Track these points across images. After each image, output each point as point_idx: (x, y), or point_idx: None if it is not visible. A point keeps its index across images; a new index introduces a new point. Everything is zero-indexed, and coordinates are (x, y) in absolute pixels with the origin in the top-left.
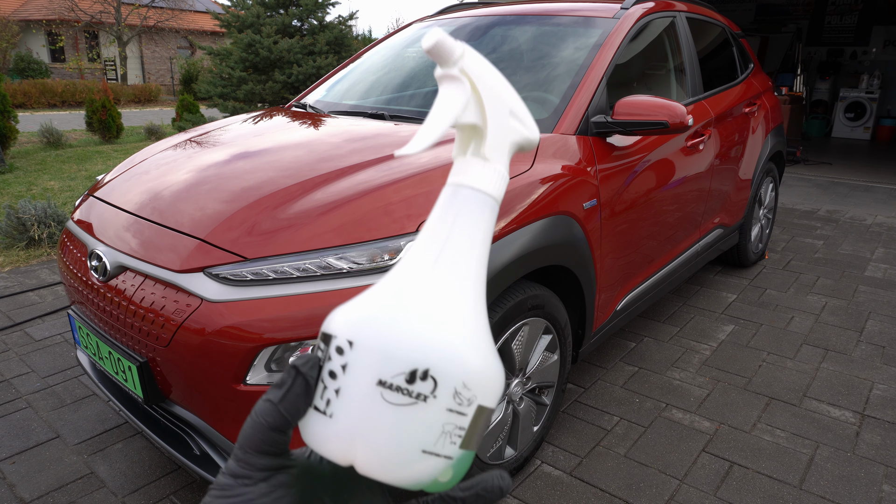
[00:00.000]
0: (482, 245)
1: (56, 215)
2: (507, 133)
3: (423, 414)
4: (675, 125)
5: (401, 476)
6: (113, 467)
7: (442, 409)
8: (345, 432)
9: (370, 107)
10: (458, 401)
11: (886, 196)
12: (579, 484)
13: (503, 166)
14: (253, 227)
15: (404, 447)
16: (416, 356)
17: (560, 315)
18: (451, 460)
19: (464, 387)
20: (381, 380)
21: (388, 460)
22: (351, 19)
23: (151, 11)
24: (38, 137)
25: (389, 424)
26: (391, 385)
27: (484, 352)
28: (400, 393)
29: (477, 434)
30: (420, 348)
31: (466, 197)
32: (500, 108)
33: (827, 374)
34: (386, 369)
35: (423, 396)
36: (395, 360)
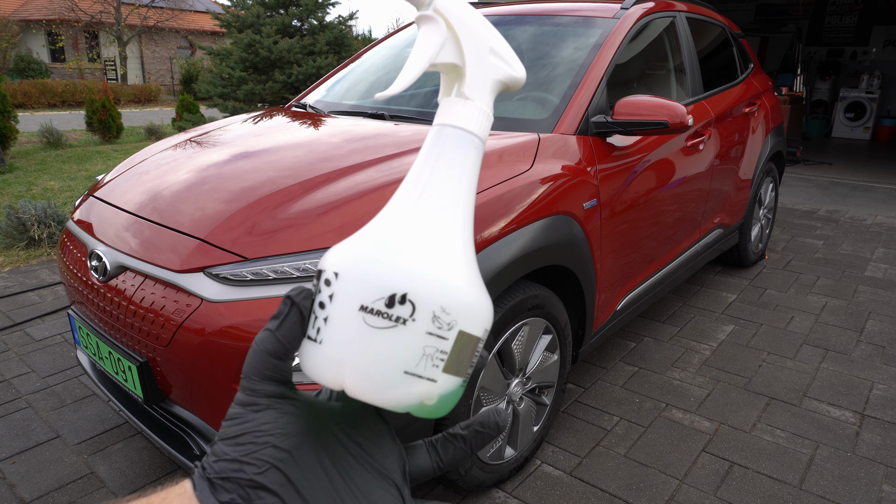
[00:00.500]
0: (467, 182)
1: (56, 215)
2: (488, 71)
3: (403, 336)
4: (675, 125)
5: (387, 397)
6: (113, 467)
7: (421, 332)
8: (333, 356)
9: (370, 107)
10: (437, 324)
11: (886, 196)
12: (579, 484)
13: (485, 104)
14: (253, 227)
15: (387, 368)
16: (395, 281)
17: (560, 315)
18: (436, 383)
19: (442, 311)
20: (363, 305)
21: (374, 381)
22: (351, 19)
23: (151, 11)
24: (38, 137)
25: (372, 347)
26: (372, 310)
27: (466, 280)
28: (380, 317)
29: (464, 361)
30: (398, 274)
31: (448, 135)
32: (478, 46)
33: (827, 374)
34: (367, 295)
35: (403, 320)
36: (375, 286)
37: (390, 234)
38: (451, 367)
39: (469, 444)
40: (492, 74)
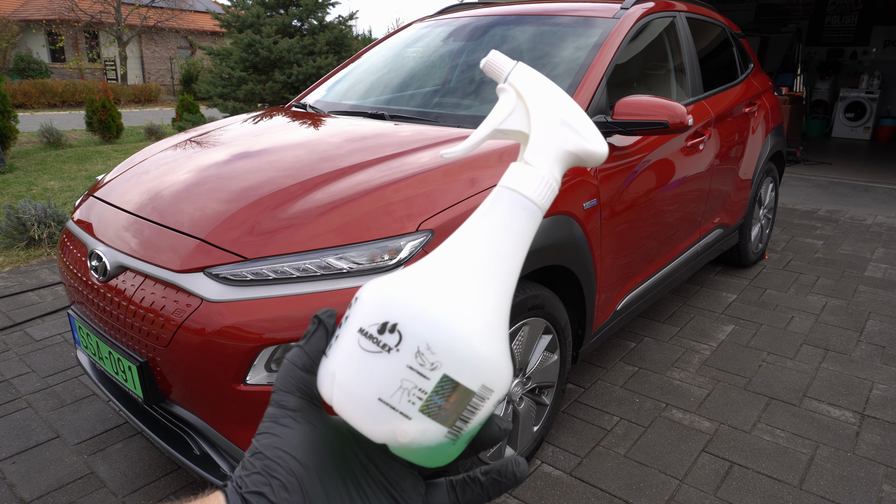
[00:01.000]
0: (511, 242)
1: (56, 215)
2: (555, 140)
3: (384, 363)
4: (675, 125)
5: (361, 421)
6: (113, 467)
7: (402, 364)
8: (330, 369)
9: (370, 107)
10: (419, 360)
11: (886, 196)
12: (579, 484)
13: (547, 171)
14: (253, 227)
15: (364, 390)
16: (391, 311)
17: (560, 315)
18: (410, 421)
19: (427, 348)
20: (361, 327)
21: (351, 401)
22: (351, 19)
23: (151, 11)
24: (38, 137)
25: (357, 367)
26: (366, 332)
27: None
28: (371, 340)
29: (451, 410)
30: (396, 304)
31: (501, 195)
32: (547, 116)
33: (827, 374)
34: (366, 318)
35: (388, 347)
36: (374, 312)
37: (415, 274)
38: (431, 410)
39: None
40: (559, 144)
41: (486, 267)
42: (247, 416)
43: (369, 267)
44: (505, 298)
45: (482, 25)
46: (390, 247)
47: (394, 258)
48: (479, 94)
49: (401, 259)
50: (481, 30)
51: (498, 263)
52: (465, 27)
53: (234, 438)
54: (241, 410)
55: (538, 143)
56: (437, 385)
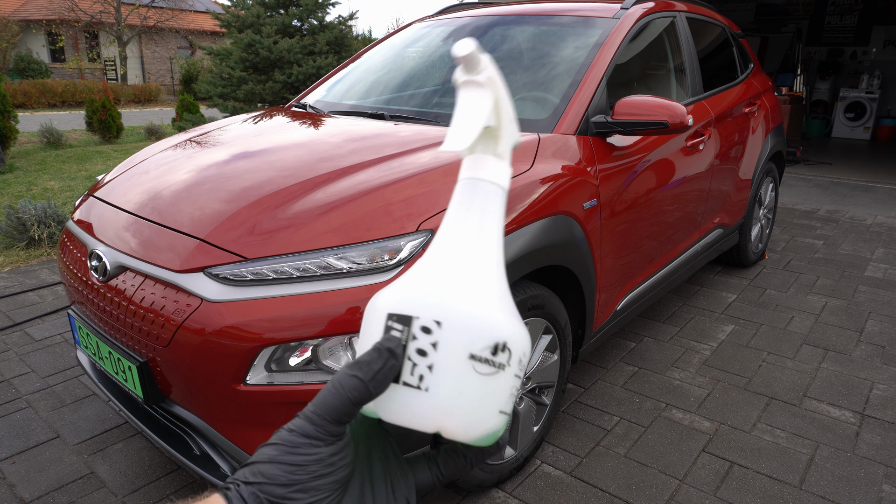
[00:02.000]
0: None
1: (56, 215)
2: (513, 134)
3: (502, 380)
4: (675, 125)
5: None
6: (113, 467)
7: (512, 375)
8: (443, 403)
9: (370, 107)
10: (520, 367)
11: (886, 196)
12: (579, 484)
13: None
14: (253, 227)
15: (489, 409)
16: (498, 333)
17: (560, 315)
18: (508, 416)
19: (524, 355)
20: (473, 354)
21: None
22: (351, 19)
23: (151, 11)
24: (38, 137)
25: (480, 391)
26: (480, 357)
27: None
28: (487, 364)
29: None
30: (499, 326)
31: (489, 190)
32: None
33: (827, 374)
34: (477, 345)
35: (503, 365)
36: (483, 337)
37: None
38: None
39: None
40: (514, 137)
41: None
42: (247, 416)
43: (369, 267)
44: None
45: (482, 25)
46: (390, 247)
47: (394, 258)
48: None
49: (401, 259)
50: (481, 30)
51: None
52: (465, 27)
53: (234, 438)
54: (241, 410)
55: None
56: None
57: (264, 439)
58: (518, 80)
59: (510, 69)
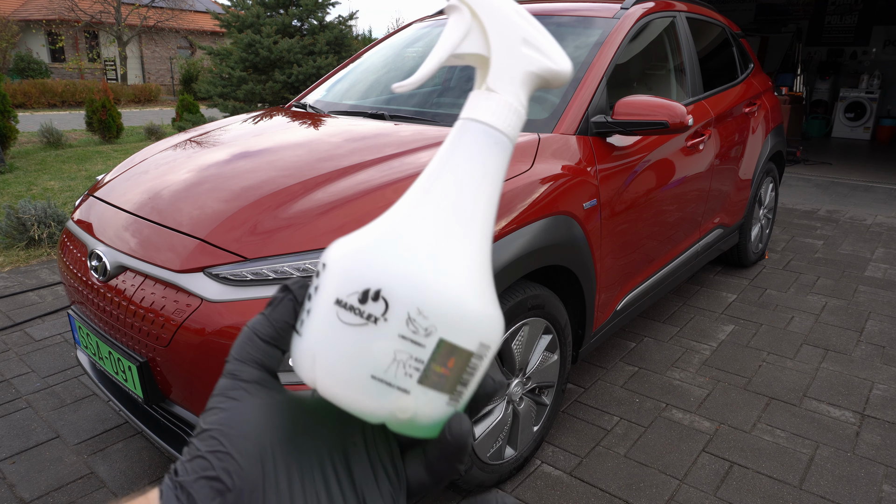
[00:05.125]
0: (484, 181)
1: (56, 215)
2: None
3: (372, 336)
4: (675, 125)
5: (354, 401)
6: (113, 467)
7: (393, 334)
8: (307, 349)
9: (370, 107)
10: (411, 328)
11: (886, 196)
12: (579, 484)
13: (513, 97)
14: (253, 227)
15: (354, 369)
16: (370, 276)
17: (560, 315)
18: (409, 395)
19: (418, 313)
20: (338, 299)
21: (341, 382)
22: (351, 19)
23: (151, 11)
24: (38, 137)
25: (340, 344)
26: (345, 304)
27: (464, 285)
28: (352, 313)
29: (450, 377)
30: (376, 268)
31: (466, 129)
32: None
33: (827, 374)
34: (343, 288)
35: (374, 318)
36: (351, 279)
37: (387, 229)
38: (430, 379)
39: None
40: (523, 66)
41: (463, 213)
42: None
43: None
44: (486, 244)
45: None
46: None
47: None
48: None
49: None
50: None
51: (475, 207)
52: None
53: None
54: None
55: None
56: (434, 352)
57: None
58: None
59: None
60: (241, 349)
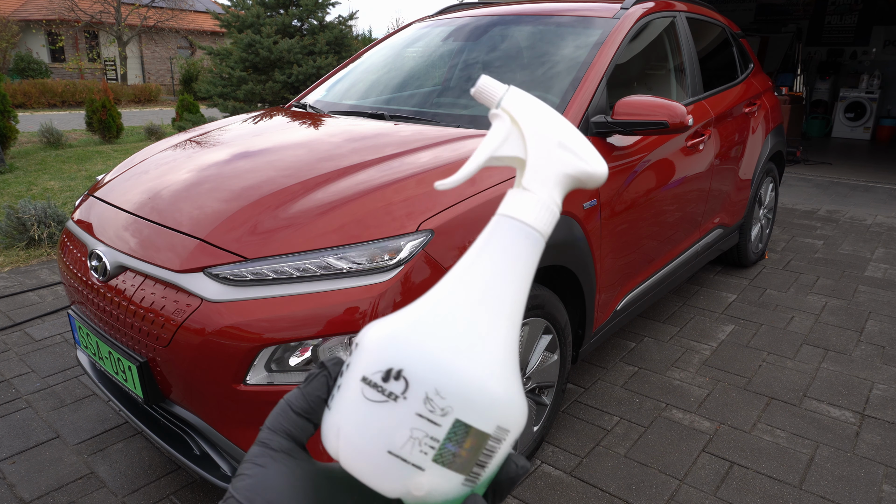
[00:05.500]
0: (512, 271)
1: (56, 215)
2: (553, 164)
3: (392, 413)
4: (675, 125)
5: (370, 475)
6: (113, 467)
7: (411, 413)
8: (334, 423)
9: (370, 107)
10: (429, 407)
11: (886, 196)
12: (579, 484)
13: (548, 196)
14: (253, 227)
15: (372, 443)
16: (395, 356)
17: (560, 315)
18: (423, 472)
19: (436, 393)
20: (364, 376)
21: (359, 455)
22: (351, 19)
23: (151, 11)
24: (38, 137)
25: (362, 418)
26: (370, 381)
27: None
28: (376, 390)
29: (467, 458)
30: (402, 350)
31: (499, 224)
32: (543, 139)
33: (827, 374)
34: (369, 367)
35: (395, 396)
36: (377, 359)
37: (417, 315)
38: (445, 459)
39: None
40: (557, 168)
41: (490, 301)
42: (247, 416)
43: (369, 267)
44: (513, 332)
45: (482, 25)
46: (390, 247)
47: (394, 258)
48: None
49: (401, 259)
50: (481, 30)
51: (502, 296)
52: (465, 27)
53: (234, 438)
54: (241, 410)
55: (536, 168)
56: (449, 432)
57: None
58: (518, 80)
59: (510, 69)
60: (274, 419)
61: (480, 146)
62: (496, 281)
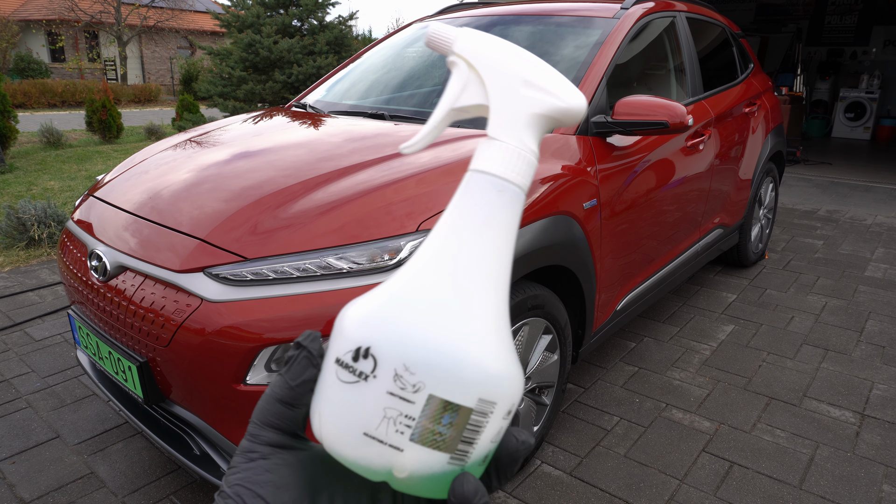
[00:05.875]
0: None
1: (56, 215)
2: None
3: (364, 393)
4: (675, 125)
5: (352, 458)
6: (113, 467)
7: (382, 391)
8: (316, 408)
9: (370, 107)
10: (399, 384)
11: (886, 196)
12: (579, 484)
13: (517, 141)
14: (253, 227)
15: (347, 426)
16: (363, 334)
17: (560, 315)
18: (402, 452)
19: (405, 369)
20: (337, 357)
21: (338, 438)
22: (351, 19)
23: (151, 11)
24: (38, 137)
25: (337, 401)
26: (342, 362)
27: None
28: (347, 371)
29: (448, 435)
30: (368, 327)
31: (469, 181)
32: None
33: (827, 374)
34: (340, 347)
35: (364, 375)
36: (346, 339)
37: (389, 289)
38: (424, 437)
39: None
40: (525, 108)
41: (465, 265)
42: (247, 416)
43: (369, 267)
44: (495, 297)
45: (482, 25)
46: (390, 247)
47: (394, 258)
48: None
49: (401, 259)
50: (481, 30)
51: (479, 259)
52: (465, 27)
53: (234, 438)
54: (241, 410)
55: (500, 112)
56: (424, 408)
57: None
58: None
59: None
60: (258, 411)
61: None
62: (470, 243)
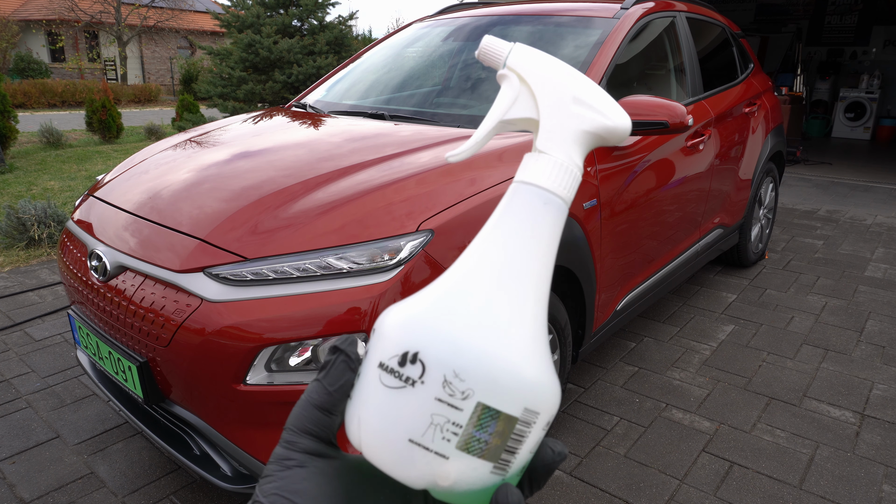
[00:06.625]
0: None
1: (56, 215)
2: (569, 121)
3: (410, 399)
4: (675, 125)
5: (394, 465)
6: (113, 467)
7: (430, 398)
8: (355, 413)
9: (370, 107)
10: (448, 391)
11: (886, 196)
12: (579, 484)
13: (565, 157)
14: (253, 227)
15: (391, 432)
16: (410, 339)
17: (560, 315)
18: (447, 460)
19: (455, 375)
20: (381, 362)
21: (381, 446)
22: (351, 19)
23: (151, 11)
24: (38, 137)
25: (381, 407)
26: (387, 367)
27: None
28: (393, 375)
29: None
30: (416, 332)
31: (516, 192)
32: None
33: (827, 374)
34: (385, 352)
35: (412, 381)
36: (392, 343)
37: (434, 295)
38: (470, 445)
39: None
40: (574, 125)
41: (510, 274)
42: (247, 416)
43: (369, 267)
44: (538, 307)
45: (482, 25)
46: (390, 247)
47: (394, 258)
48: (479, 94)
49: (401, 259)
50: (481, 30)
51: (524, 269)
52: (465, 27)
53: (234, 438)
54: (241, 410)
55: (550, 127)
56: (472, 415)
57: (264, 439)
58: None
59: None
60: (294, 417)
61: (491, 110)
62: (516, 253)
